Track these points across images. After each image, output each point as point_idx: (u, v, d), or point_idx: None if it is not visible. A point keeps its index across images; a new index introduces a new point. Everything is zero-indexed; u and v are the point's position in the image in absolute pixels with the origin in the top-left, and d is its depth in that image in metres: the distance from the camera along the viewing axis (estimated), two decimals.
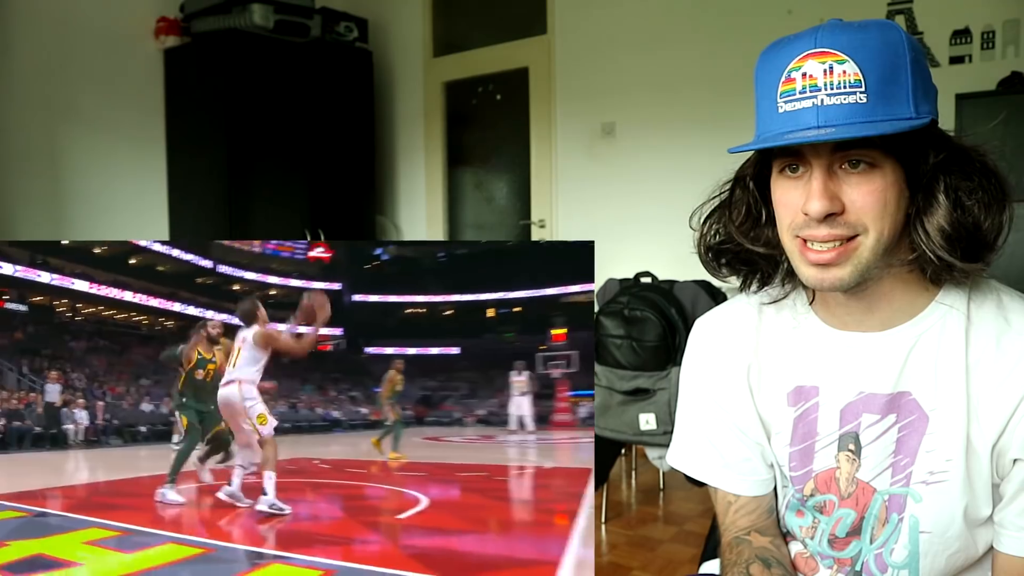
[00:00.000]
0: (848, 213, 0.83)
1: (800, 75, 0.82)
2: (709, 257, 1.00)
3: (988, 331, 0.88)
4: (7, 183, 3.81)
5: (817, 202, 0.83)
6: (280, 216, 4.44)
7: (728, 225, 0.97)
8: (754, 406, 1.02)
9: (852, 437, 0.94)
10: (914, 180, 0.85)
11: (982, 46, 3.32)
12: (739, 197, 0.97)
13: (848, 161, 0.83)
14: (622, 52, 4.31)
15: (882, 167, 0.83)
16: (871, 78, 0.80)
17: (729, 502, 1.05)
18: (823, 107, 0.81)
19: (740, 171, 0.98)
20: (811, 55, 0.82)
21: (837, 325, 0.95)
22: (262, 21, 4.17)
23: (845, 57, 0.81)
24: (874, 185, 0.83)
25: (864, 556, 0.95)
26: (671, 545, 2.81)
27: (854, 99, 0.80)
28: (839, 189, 0.84)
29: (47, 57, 3.91)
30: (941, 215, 0.84)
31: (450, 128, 5.19)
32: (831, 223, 0.84)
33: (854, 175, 0.83)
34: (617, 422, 2.83)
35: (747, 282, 1.01)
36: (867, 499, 0.94)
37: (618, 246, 4.02)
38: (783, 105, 0.84)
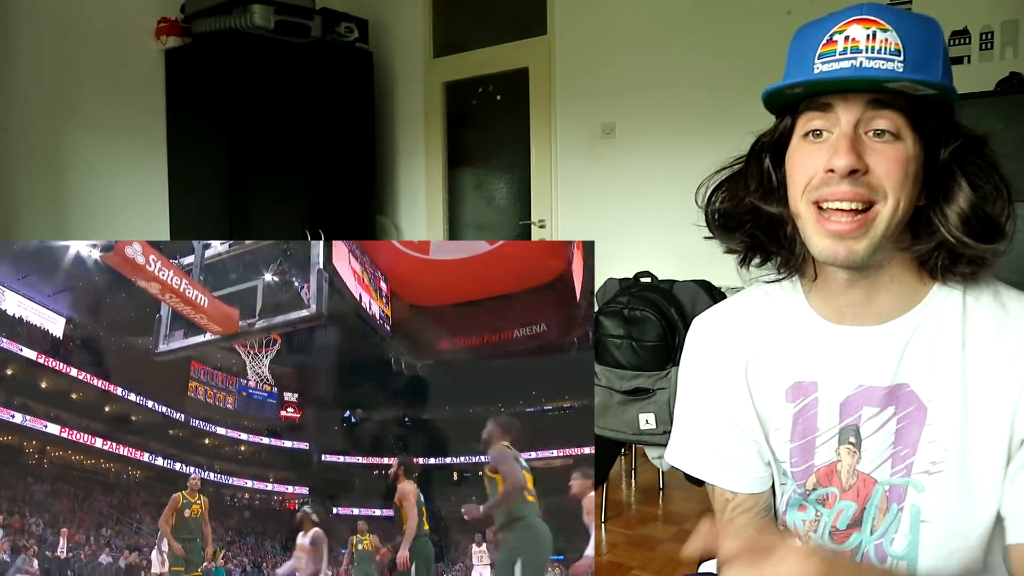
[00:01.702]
0: (871, 174, 0.85)
1: (843, 37, 0.84)
2: (716, 222, 1.00)
3: (986, 320, 0.89)
4: (9, 183, 3.81)
5: (844, 156, 0.84)
6: (280, 216, 4.44)
7: (740, 192, 0.97)
8: (752, 403, 1.02)
9: (852, 430, 0.95)
10: (932, 163, 0.87)
11: (980, 47, 3.33)
12: (754, 166, 0.97)
13: (874, 131, 0.85)
14: (622, 52, 4.31)
15: (905, 140, 0.85)
16: (911, 51, 0.83)
17: (727, 499, 1.06)
18: (860, 68, 0.83)
19: (757, 141, 0.98)
20: (856, 20, 0.84)
21: (834, 319, 0.96)
22: (263, 22, 4.18)
23: (888, 27, 0.83)
24: (898, 153, 0.85)
25: (864, 547, 0.96)
26: (671, 544, 2.82)
27: (892, 66, 0.83)
28: (864, 151, 0.85)
29: (48, 58, 3.92)
30: (963, 199, 0.86)
31: (450, 128, 5.19)
32: (853, 181, 0.84)
33: (879, 142, 0.85)
34: (617, 422, 2.84)
35: (748, 257, 1.00)
36: (868, 490, 0.94)
37: (618, 246, 4.03)
38: (820, 66, 0.86)
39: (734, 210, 0.98)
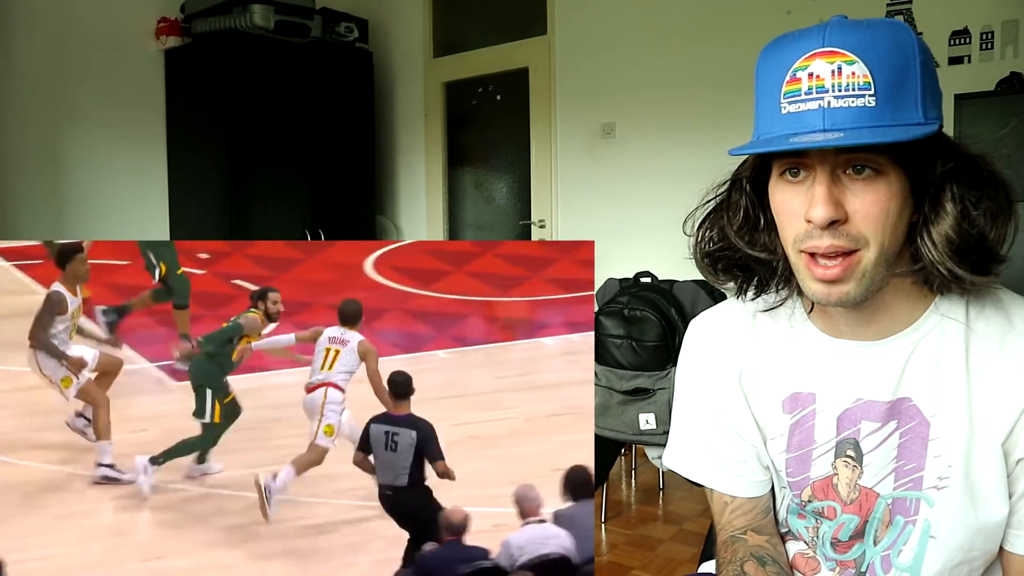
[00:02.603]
0: (850, 223, 0.81)
1: (806, 75, 0.78)
2: (706, 263, 0.97)
3: (991, 334, 0.87)
4: (8, 183, 3.81)
5: (821, 208, 0.80)
6: (280, 216, 4.44)
7: (725, 229, 0.94)
8: (749, 410, 1.01)
9: (851, 444, 0.93)
10: (919, 188, 0.82)
11: (981, 47, 3.33)
12: (736, 200, 0.94)
13: (853, 167, 0.80)
14: (622, 52, 4.31)
15: (887, 174, 0.80)
16: (880, 81, 0.77)
17: (725, 503, 1.05)
18: (830, 109, 0.77)
19: (736, 173, 0.95)
20: (819, 54, 0.78)
21: (834, 333, 0.94)
22: (262, 22, 4.18)
23: (854, 58, 0.77)
24: (879, 194, 0.80)
25: (869, 558, 0.95)
26: (671, 545, 2.82)
27: (863, 102, 0.77)
28: (842, 195, 0.81)
29: (48, 58, 3.92)
30: (948, 224, 0.81)
31: (450, 128, 5.19)
32: (833, 232, 0.81)
33: (858, 182, 0.80)
34: (617, 422, 2.84)
35: (743, 288, 0.98)
36: (871, 504, 0.93)
37: (618, 246, 4.03)
38: (787, 106, 0.80)
39: (722, 250, 0.95)
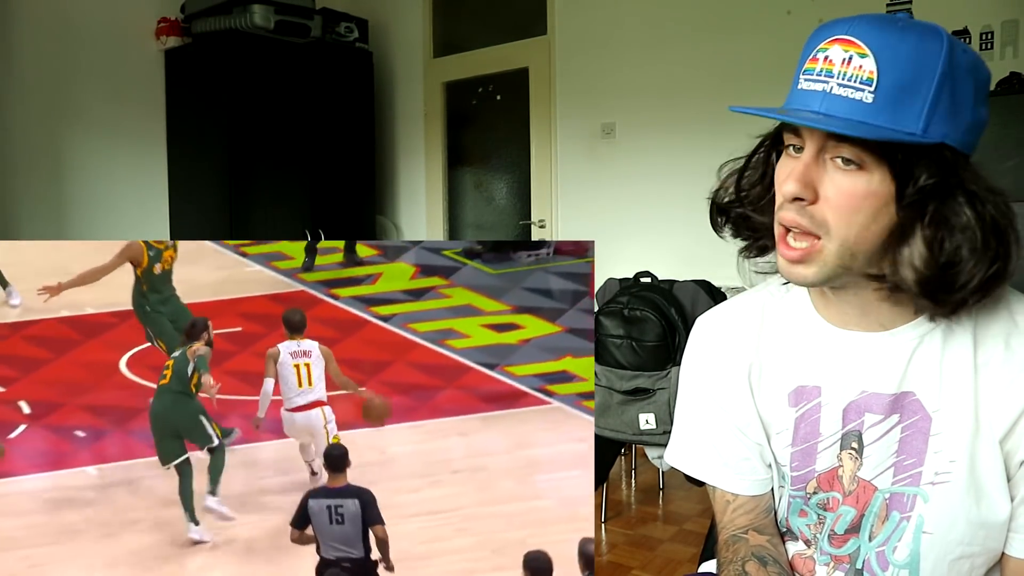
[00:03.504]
0: (817, 206, 0.82)
1: (823, 57, 0.81)
2: (716, 213, 0.99)
3: (996, 332, 0.87)
4: (9, 183, 3.81)
5: (792, 183, 0.82)
6: (280, 216, 4.44)
7: (742, 183, 0.96)
8: (754, 406, 1.01)
9: (855, 436, 0.94)
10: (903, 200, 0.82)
11: (980, 47, 3.32)
12: (756, 161, 0.96)
13: (841, 157, 0.81)
14: (622, 52, 4.31)
15: (870, 172, 0.80)
16: (885, 81, 0.78)
17: (727, 501, 1.05)
18: (829, 95, 0.80)
19: (763, 138, 0.96)
20: (839, 40, 0.80)
21: (840, 324, 0.94)
22: (262, 22, 4.18)
23: (868, 52, 0.78)
24: (855, 188, 0.80)
25: (864, 553, 0.95)
26: (671, 545, 2.82)
27: (861, 96, 0.78)
28: (819, 179, 0.82)
29: (48, 58, 3.92)
30: (916, 255, 0.81)
31: (450, 128, 5.19)
32: (798, 209, 0.83)
33: (840, 172, 0.81)
34: (617, 422, 2.84)
35: (748, 248, 1.00)
36: (868, 497, 0.93)
37: (618, 246, 4.03)
38: (803, 82, 0.83)
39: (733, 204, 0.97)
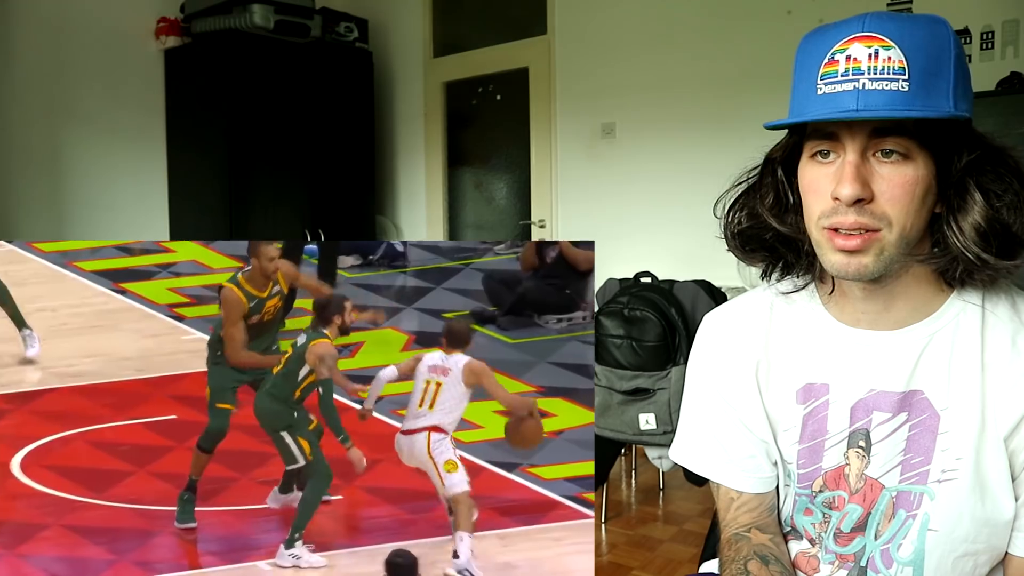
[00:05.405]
0: (876, 203, 0.83)
1: (844, 57, 0.82)
2: (736, 242, 0.99)
3: (1003, 331, 0.89)
4: (8, 183, 3.81)
5: (848, 186, 0.82)
6: (280, 216, 4.44)
7: (757, 208, 0.96)
8: (762, 403, 1.01)
9: (863, 434, 0.94)
10: (944, 178, 0.85)
11: (981, 46, 3.32)
12: (767, 181, 0.96)
13: (881, 150, 0.83)
14: (622, 52, 4.31)
15: (915, 159, 0.83)
16: (915, 67, 0.80)
17: (731, 499, 1.05)
18: (864, 91, 0.80)
19: (769, 155, 0.97)
20: (857, 38, 0.81)
21: (849, 323, 0.95)
22: (262, 21, 4.17)
23: (891, 43, 0.80)
24: (905, 177, 0.83)
25: (870, 551, 0.95)
26: (671, 545, 2.81)
27: (896, 86, 0.80)
28: (870, 176, 0.83)
29: (47, 58, 3.92)
30: (977, 212, 0.83)
31: (450, 128, 5.19)
32: (859, 210, 0.83)
33: (886, 164, 0.83)
34: (617, 422, 2.83)
35: (769, 270, 1.00)
36: (875, 495, 0.94)
37: (618, 246, 4.02)
38: (823, 87, 0.83)
39: (753, 229, 0.97)
